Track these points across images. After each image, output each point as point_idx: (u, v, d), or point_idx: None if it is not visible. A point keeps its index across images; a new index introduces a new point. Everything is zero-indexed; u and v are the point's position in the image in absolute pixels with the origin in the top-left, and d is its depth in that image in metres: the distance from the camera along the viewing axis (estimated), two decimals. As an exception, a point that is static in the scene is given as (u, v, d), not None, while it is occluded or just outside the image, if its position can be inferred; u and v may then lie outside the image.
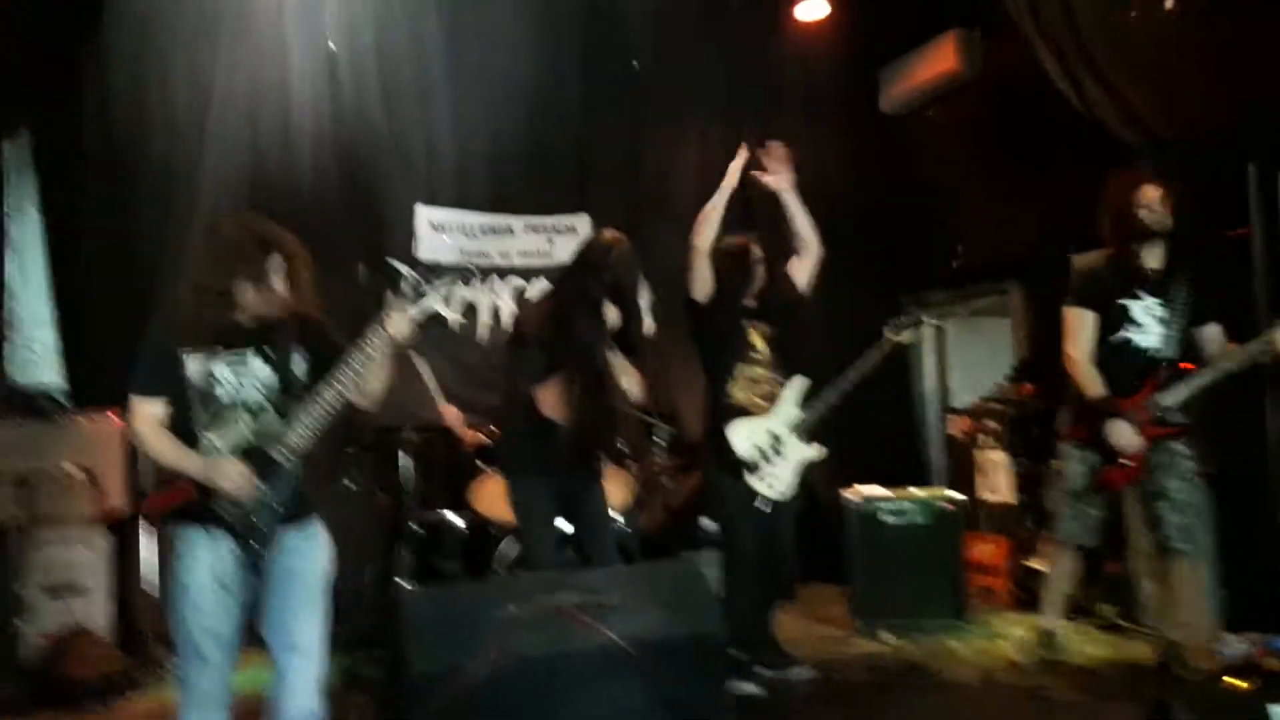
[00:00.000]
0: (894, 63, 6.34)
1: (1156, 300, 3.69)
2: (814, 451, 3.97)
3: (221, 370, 2.56)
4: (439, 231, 5.75)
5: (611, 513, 4.92)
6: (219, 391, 2.55)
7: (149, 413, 2.56)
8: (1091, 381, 3.67)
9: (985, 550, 5.24)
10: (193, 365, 2.55)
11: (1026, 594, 4.87)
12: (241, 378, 2.57)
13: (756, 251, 4.09)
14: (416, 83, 5.74)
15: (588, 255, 3.76)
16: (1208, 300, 3.74)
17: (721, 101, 6.40)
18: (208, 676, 2.52)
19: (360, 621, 4.49)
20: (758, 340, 4.00)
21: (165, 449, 2.54)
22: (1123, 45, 4.51)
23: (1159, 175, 3.81)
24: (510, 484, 3.71)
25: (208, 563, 2.50)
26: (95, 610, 4.40)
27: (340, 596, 4.28)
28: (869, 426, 5.14)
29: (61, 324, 5.09)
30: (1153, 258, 3.74)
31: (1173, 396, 3.59)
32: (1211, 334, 3.70)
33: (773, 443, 3.90)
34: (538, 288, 5.94)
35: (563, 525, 3.87)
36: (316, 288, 2.68)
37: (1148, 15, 4.36)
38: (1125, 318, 3.69)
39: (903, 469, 5.65)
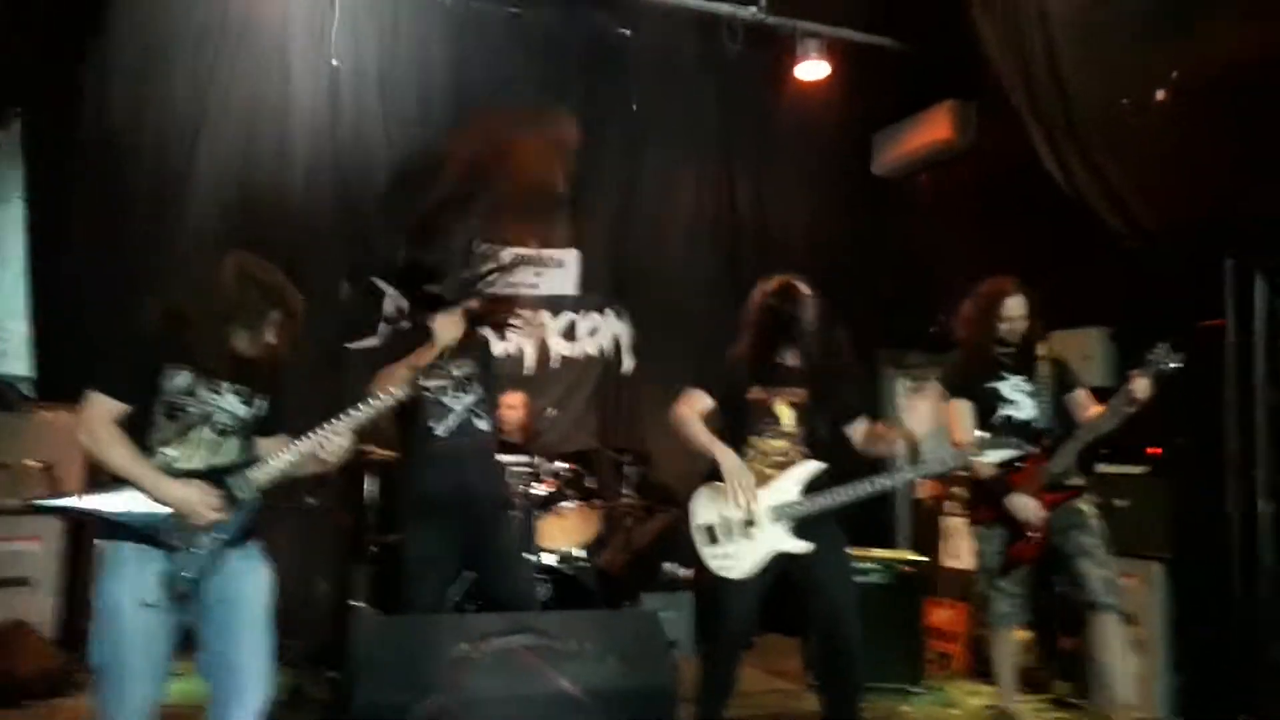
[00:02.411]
0: (889, 127, 6.46)
1: (1020, 377, 3.85)
2: (796, 546, 3.28)
3: (200, 390, 2.55)
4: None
5: (572, 549, 4.94)
6: (191, 409, 2.54)
7: (110, 412, 2.48)
8: (982, 465, 3.73)
9: (944, 616, 5.25)
10: (174, 379, 2.53)
11: (982, 662, 4.88)
12: (216, 401, 2.57)
13: (804, 292, 3.48)
14: (416, 106, 5.78)
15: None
16: (1068, 371, 3.91)
17: (716, 148, 6.49)
18: (129, 706, 2.40)
19: (311, 638, 4.44)
20: (783, 410, 3.41)
21: (122, 454, 2.45)
22: (1112, 132, 4.61)
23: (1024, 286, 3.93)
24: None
25: (135, 582, 2.40)
26: (39, 605, 4.34)
27: (293, 612, 4.31)
28: (837, 485, 5.15)
29: (38, 316, 5.04)
30: (1008, 346, 3.90)
31: (1060, 462, 3.71)
32: (1080, 399, 3.84)
33: (743, 521, 3.30)
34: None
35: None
36: (295, 341, 2.70)
37: (1139, 105, 4.46)
38: (997, 398, 3.84)
39: (869, 530, 5.66)
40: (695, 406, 3.43)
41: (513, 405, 5.21)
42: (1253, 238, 4.21)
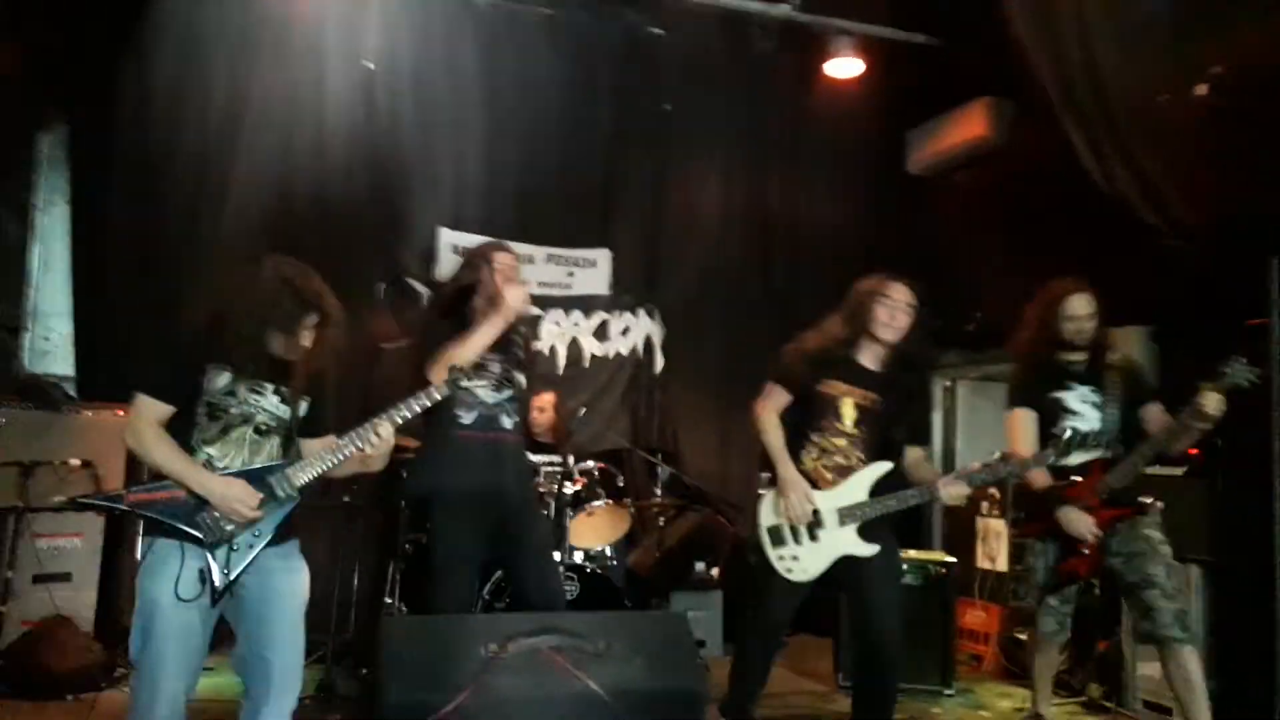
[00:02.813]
0: (923, 125, 6.39)
1: (1088, 388, 3.70)
2: (862, 549, 3.27)
3: (241, 390, 2.58)
4: (460, 255, 5.79)
5: (602, 548, 4.95)
6: (233, 409, 2.57)
7: (156, 414, 2.52)
8: (1041, 475, 3.64)
9: (977, 617, 5.21)
10: (219, 380, 2.56)
11: (1014, 664, 4.84)
12: (259, 401, 2.60)
13: (905, 299, 3.36)
14: (450, 107, 5.82)
15: None
16: (1141, 381, 3.77)
17: (748, 147, 6.48)
18: (159, 703, 2.41)
19: (346, 636, 4.50)
20: (848, 409, 3.35)
21: (167, 452, 2.48)
22: (1151, 128, 4.53)
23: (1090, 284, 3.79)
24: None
25: (173, 576, 2.43)
26: (80, 599, 4.45)
27: (325, 609, 4.37)
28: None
29: (78, 317, 5.15)
30: (1075, 352, 3.75)
31: (1119, 477, 3.56)
32: (1153, 412, 3.68)
33: (810, 523, 3.28)
34: (552, 318, 6.00)
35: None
36: (337, 346, 2.70)
37: (1178, 101, 4.38)
38: (1061, 409, 3.69)
39: (902, 530, 5.61)
40: (776, 405, 3.37)
41: (542, 406, 5.23)
42: (1296, 235, 4.13)
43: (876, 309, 3.32)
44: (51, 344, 5.26)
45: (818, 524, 3.26)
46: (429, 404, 2.71)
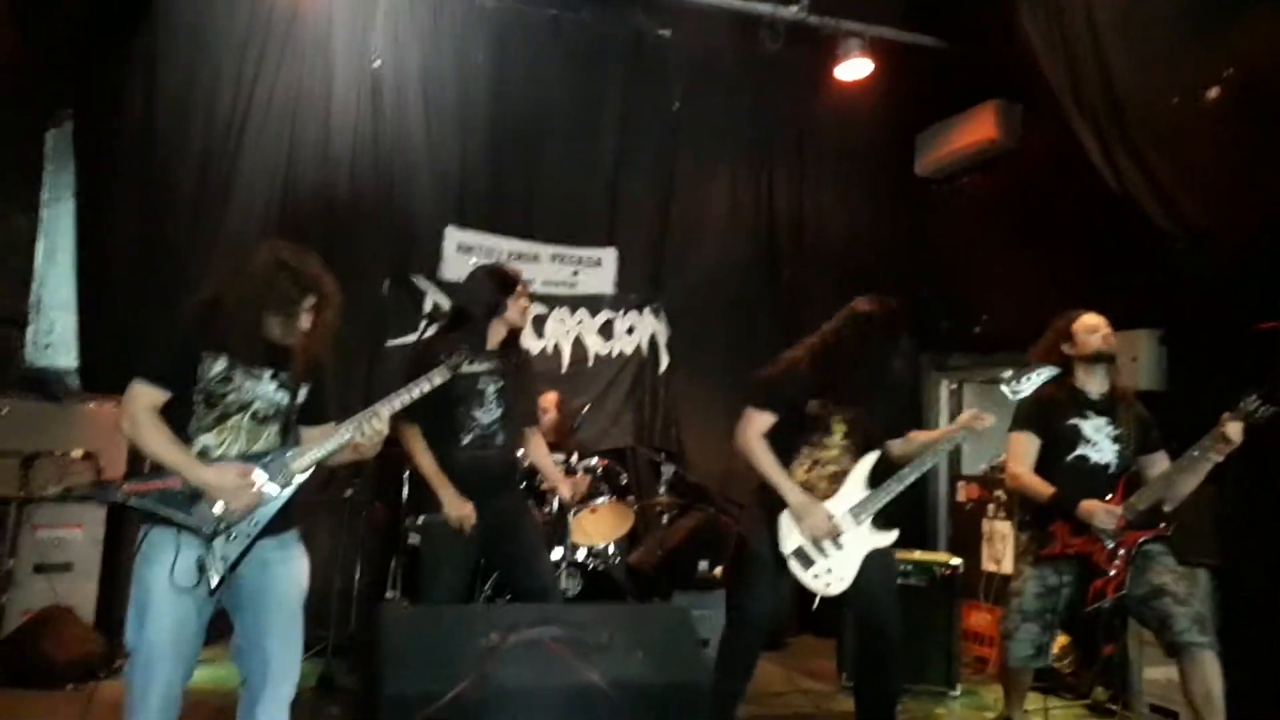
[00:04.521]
0: (932, 127, 6.38)
1: (1104, 419, 3.64)
2: (883, 539, 3.37)
3: (238, 376, 2.55)
4: (466, 253, 5.79)
5: (605, 544, 4.93)
6: (231, 396, 2.54)
7: (151, 400, 2.49)
8: (1042, 485, 3.59)
9: (982, 619, 5.18)
10: (214, 367, 2.53)
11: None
12: (256, 388, 2.58)
13: (896, 319, 3.43)
14: (457, 106, 5.82)
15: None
16: (1151, 431, 3.69)
17: (756, 148, 6.47)
18: (154, 691, 2.41)
19: (346, 630, 4.48)
20: (838, 426, 3.44)
21: (162, 441, 2.46)
22: (1163, 131, 4.50)
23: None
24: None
25: (168, 564, 2.42)
26: (80, 590, 4.44)
27: (326, 603, 4.35)
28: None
29: (83, 310, 5.15)
30: (1094, 382, 3.70)
31: (1144, 498, 3.49)
32: (1158, 460, 3.64)
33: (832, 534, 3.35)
34: (557, 316, 5.98)
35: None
36: (334, 329, 2.68)
37: (1189, 103, 4.35)
38: (1078, 437, 3.63)
39: (908, 532, 5.58)
40: (760, 428, 3.40)
41: (545, 407, 5.22)
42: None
43: (877, 338, 3.38)
44: (55, 337, 5.26)
45: (838, 531, 3.31)
46: (429, 388, 2.70)
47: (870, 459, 3.40)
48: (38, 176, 5.24)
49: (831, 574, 3.31)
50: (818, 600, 3.34)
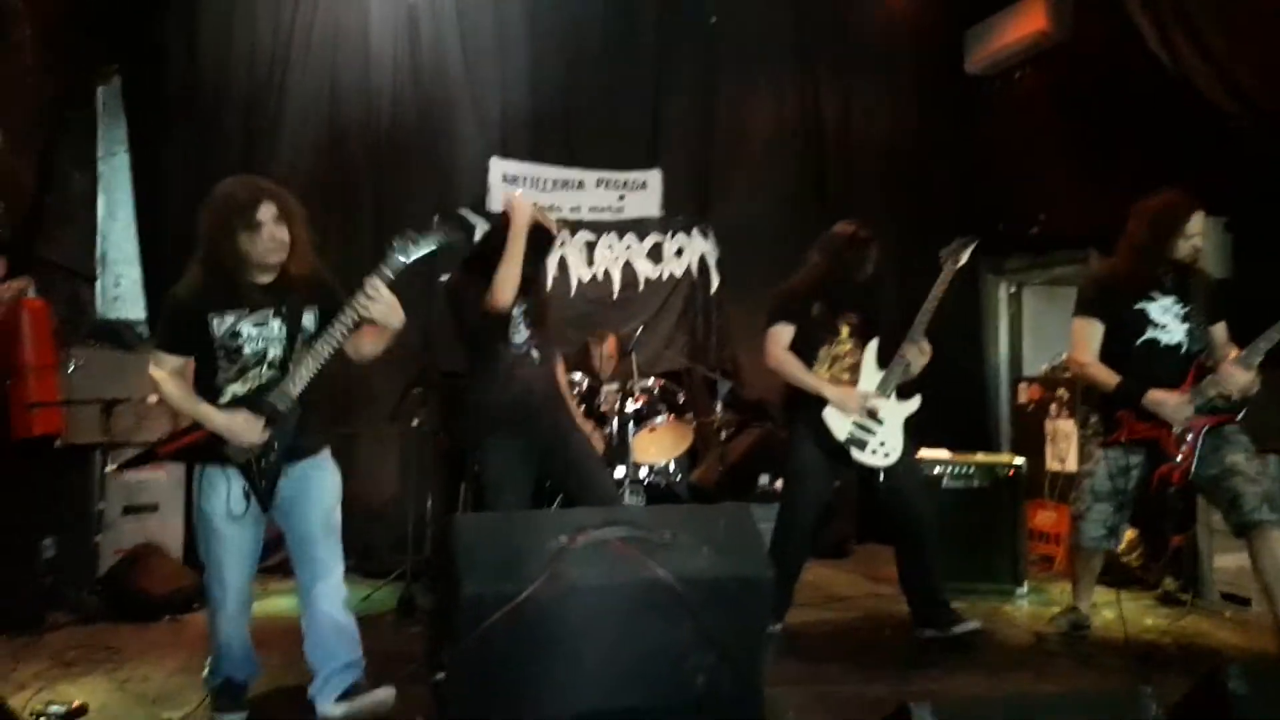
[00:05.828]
0: (982, 22, 6.18)
1: (1172, 299, 3.55)
2: (912, 404, 3.80)
3: (248, 329, 2.81)
4: (511, 184, 5.79)
5: (667, 462, 5.00)
6: (246, 349, 2.81)
7: (169, 365, 2.84)
8: (1108, 375, 3.55)
9: (1047, 518, 5.17)
10: (222, 324, 2.79)
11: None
12: (264, 334, 2.83)
13: (868, 237, 3.84)
14: (494, 37, 5.80)
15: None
16: (1216, 299, 3.62)
17: (797, 58, 6.33)
18: (229, 594, 2.90)
19: (421, 554, 4.63)
20: (844, 327, 3.84)
21: (178, 397, 2.83)
22: (1223, 11, 4.32)
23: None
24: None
25: (223, 496, 2.82)
26: (167, 529, 4.66)
27: (404, 530, 4.50)
28: (940, 392, 5.13)
29: (146, 261, 5.29)
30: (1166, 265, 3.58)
31: (1210, 388, 3.43)
32: (1219, 332, 3.59)
33: (869, 413, 3.73)
34: (605, 242, 5.99)
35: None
36: (312, 241, 2.89)
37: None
38: (1145, 321, 3.55)
39: (973, 435, 5.58)
40: (784, 342, 3.79)
41: (609, 353, 5.28)
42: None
43: (854, 261, 3.78)
44: (122, 290, 5.42)
45: (874, 409, 3.72)
46: (422, 253, 2.79)
47: (874, 344, 3.79)
48: (93, 134, 5.36)
49: (885, 445, 3.72)
50: (881, 474, 3.73)
